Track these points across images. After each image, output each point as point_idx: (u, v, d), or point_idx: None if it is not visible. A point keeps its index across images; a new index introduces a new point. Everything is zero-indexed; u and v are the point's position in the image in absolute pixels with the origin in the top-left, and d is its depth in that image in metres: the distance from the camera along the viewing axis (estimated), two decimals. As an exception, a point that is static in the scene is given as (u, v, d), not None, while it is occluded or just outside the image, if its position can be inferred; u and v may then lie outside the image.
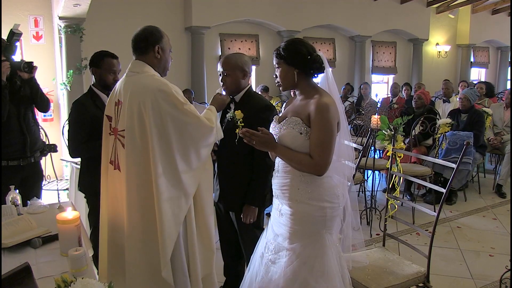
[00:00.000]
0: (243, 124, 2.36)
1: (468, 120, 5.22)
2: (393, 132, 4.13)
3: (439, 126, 4.97)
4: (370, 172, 5.25)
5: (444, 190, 2.39)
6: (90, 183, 2.71)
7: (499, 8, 11.29)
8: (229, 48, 7.92)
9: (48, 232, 2.07)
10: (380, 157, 5.63)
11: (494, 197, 5.38)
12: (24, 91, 2.92)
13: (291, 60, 1.99)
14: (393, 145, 4.07)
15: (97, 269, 2.69)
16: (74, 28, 5.50)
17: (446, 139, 4.95)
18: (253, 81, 8.37)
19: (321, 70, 2.04)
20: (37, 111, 3.11)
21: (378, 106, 7.63)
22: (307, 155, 1.95)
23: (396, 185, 3.41)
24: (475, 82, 9.73)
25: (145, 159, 2.02)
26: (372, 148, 4.84)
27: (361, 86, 8.18)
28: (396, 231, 4.15)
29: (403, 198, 4.78)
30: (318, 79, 2.09)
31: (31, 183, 3.02)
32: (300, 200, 2.01)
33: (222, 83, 2.51)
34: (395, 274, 2.34)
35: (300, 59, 1.99)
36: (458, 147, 4.82)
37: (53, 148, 3.26)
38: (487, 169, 6.23)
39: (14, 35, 2.85)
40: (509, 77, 12.26)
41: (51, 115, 5.89)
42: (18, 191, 2.46)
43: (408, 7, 9.73)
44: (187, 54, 7.50)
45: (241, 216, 2.51)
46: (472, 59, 11.78)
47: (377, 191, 4.98)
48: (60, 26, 5.51)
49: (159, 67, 2.17)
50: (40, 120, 5.66)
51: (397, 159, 3.85)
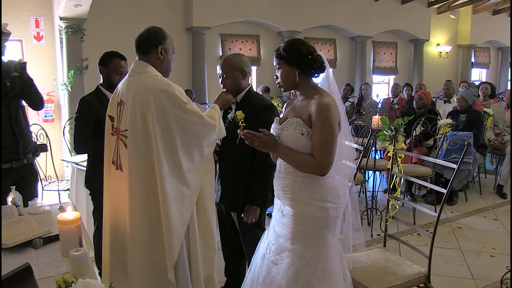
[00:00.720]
0: (244, 124, 2.35)
1: (467, 120, 5.23)
2: (394, 133, 4.13)
3: (440, 126, 4.97)
4: (371, 172, 5.25)
5: (445, 191, 2.38)
6: (95, 180, 2.71)
7: (500, 8, 11.28)
8: (230, 49, 7.93)
9: (49, 233, 2.08)
10: (381, 157, 5.63)
11: (495, 197, 5.37)
12: (14, 91, 2.84)
13: (292, 61, 1.99)
14: (394, 146, 4.07)
15: (99, 268, 2.69)
16: (75, 29, 5.51)
17: (447, 139, 4.95)
18: (253, 81, 8.37)
19: (322, 69, 2.04)
20: (31, 111, 3.06)
21: (379, 106, 7.63)
22: (309, 156, 1.95)
23: (397, 186, 3.41)
24: (477, 83, 9.73)
25: (148, 159, 2.02)
26: (373, 148, 4.83)
27: (362, 86, 8.19)
28: (397, 231, 4.15)
29: (404, 198, 4.78)
30: (318, 79, 2.09)
31: (26, 184, 2.96)
32: (302, 201, 2.01)
33: (222, 85, 2.51)
34: (396, 275, 2.33)
35: (301, 59, 1.99)
36: (458, 147, 4.82)
37: (43, 147, 3.23)
38: (488, 170, 6.23)
39: (2, 35, 2.75)
40: (509, 77, 12.24)
41: (52, 115, 5.89)
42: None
43: (409, 7, 9.72)
44: (188, 54, 7.50)
45: (243, 216, 2.51)
46: (473, 60, 11.77)
47: (378, 191, 4.98)
48: (61, 27, 5.51)
49: (161, 67, 2.17)
50: (41, 120, 5.68)
51: (398, 159, 3.86)
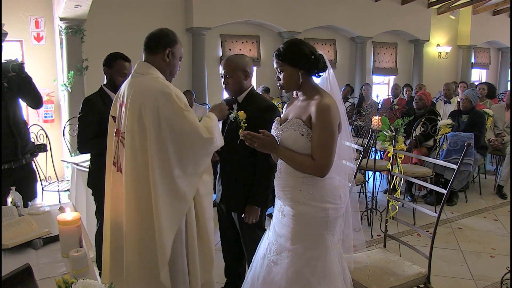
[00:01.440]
0: (246, 124, 2.36)
1: (469, 121, 5.22)
2: (394, 133, 4.13)
3: (440, 127, 4.97)
4: (371, 173, 5.25)
5: (445, 191, 2.38)
6: (97, 180, 2.71)
7: (500, 9, 11.29)
8: (230, 49, 7.93)
9: (49, 233, 2.08)
10: (381, 158, 5.63)
11: (495, 198, 5.37)
12: (12, 91, 2.85)
13: (295, 62, 1.98)
14: (394, 146, 4.07)
15: (100, 269, 2.69)
16: (75, 29, 5.51)
17: (447, 140, 4.95)
18: (254, 82, 8.37)
19: (325, 69, 2.04)
20: (31, 111, 3.06)
21: (379, 107, 7.63)
22: (308, 157, 1.94)
23: (397, 186, 3.41)
24: (476, 83, 9.73)
25: (144, 162, 2.00)
26: (373, 149, 4.83)
27: (363, 87, 8.19)
28: (397, 232, 4.15)
29: (404, 199, 4.78)
30: (318, 79, 2.09)
31: (24, 184, 2.96)
32: (302, 201, 2.00)
33: (224, 85, 2.51)
34: (396, 275, 2.33)
35: (304, 59, 1.98)
36: (459, 148, 4.82)
37: (43, 148, 3.24)
38: (488, 170, 6.22)
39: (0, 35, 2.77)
40: (509, 78, 12.25)
41: (52, 116, 5.89)
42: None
43: (409, 8, 9.73)
44: (188, 55, 7.50)
45: (243, 216, 2.51)
46: (473, 60, 11.77)
47: (378, 192, 4.97)
48: (61, 27, 5.51)
49: (165, 71, 2.12)
50: (41, 120, 5.68)
51: (398, 160, 3.86)
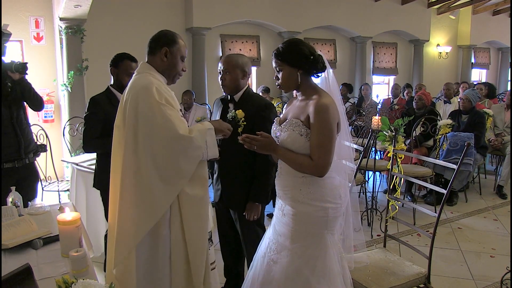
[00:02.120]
0: (245, 123, 2.36)
1: (469, 121, 5.22)
2: (394, 133, 4.13)
3: (440, 127, 4.97)
4: (371, 173, 5.25)
5: (445, 191, 2.38)
6: (104, 181, 2.69)
7: (500, 9, 11.29)
8: (229, 49, 7.93)
9: (49, 233, 2.08)
10: (381, 158, 5.63)
11: (495, 198, 5.37)
12: (15, 93, 2.90)
13: (294, 62, 1.99)
14: (394, 146, 4.07)
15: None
16: (75, 29, 5.51)
17: (447, 140, 4.95)
18: (253, 82, 8.38)
19: (324, 69, 2.04)
20: (31, 111, 3.10)
21: (379, 107, 7.63)
22: (307, 157, 1.95)
23: (397, 186, 3.41)
24: (476, 83, 9.73)
25: (124, 158, 1.96)
26: (373, 149, 4.83)
27: (362, 87, 8.18)
28: (397, 232, 4.15)
29: (404, 199, 4.78)
30: (317, 79, 2.09)
31: (27, 184, 3.01)
32: (302, 201, 2.01)
33: (221, 81, 2.55)
34: (396, 275, 2.33)
35: (303, 59, 1.98)
36: (459, 148, 4.82)
37: (43, 148, 3.26)
38: (488, 170, 6.23)
39: (2, 35, 2.81)
40: (509, 78, 12.25)
41: (52, 116, 5.89)
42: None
43: (409, 8, 9.73)
44: (188, 55, 7.48)
45: (244, 214, 2.51)
46: (473, 60, 11.77)
47: (378, 192, 4.97)
48: (61, 27, 5.51)
49: (164, 71, 2.09)
50: (41, 120, 5.68)
51: (398, 160, 3.85)
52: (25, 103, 3.03)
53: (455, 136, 4.97)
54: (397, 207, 2.92)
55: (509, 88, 10.93)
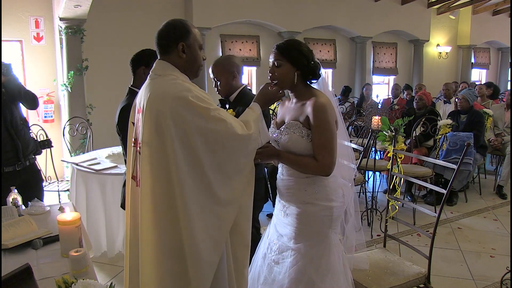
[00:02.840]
0: None
1: (468, 120, 5.23)
2: (394, 133, 4.13)
3: (439, 127, 4.97)
4: (371, 173, 5.25)
5: (445, 191, 2.38)
6: None
7: (500, 9, 11.29)
8: (230, 49, 7.93)
9: (49, 233, 2.08)
10: (381, 158, 5.63)
11: (495, 198, 5.37)
12: (7, 95, 2.83)
13: (296, 61, 1.98)
14: (394, 146, 4.07)
15: None
16: (75, 29, 5.51)
17: (447, 140, 4.95)
18: (253, 82, 8.37)
19: (318, 77, 2.06)
20: (31, 111, 3.04)
21: (379, 107, 7.63)
22: (311, 158, 1.95)
23: (396, 186, 3.41)
24: (477, 83, 9.73)
25: (165, 178, 1.67)
26: (373, 149, 4.83)
27: (364, 87, 8.19)
28: (397, 232, 4.15)
29: (403, 199, 4.78)
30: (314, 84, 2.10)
31: (31, 185, 2.98)
32: (308, 201, 2.01)
33: (215, 88, 2.66)
34: (396, 275, 2.33)
35: (305, 61, 1.99)
36: (459, 148, 4.82)
37: (47, 144, 3.18)
38: (488, 170, 6.23)
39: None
40: (509, 78, 12.25)
41: (51, 116, 5.89)
42: (20, 195, 2.45)
43: (409, 8, 9.73)
44: (188, 55, 7.49)
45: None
46: (473, 60, 11.77)
47: (377, 192, 4.98)
48: (61, 27, 5.52)
49: (185, 68, 1.83)
50: (41, 120, 5.68)
51: (398, 160, 3.86)
52: (20, 104, 2.98)
53: (454, 136, 4.97)
54: (397, 207, 2.92)
55: (509, 88, 10.92)
